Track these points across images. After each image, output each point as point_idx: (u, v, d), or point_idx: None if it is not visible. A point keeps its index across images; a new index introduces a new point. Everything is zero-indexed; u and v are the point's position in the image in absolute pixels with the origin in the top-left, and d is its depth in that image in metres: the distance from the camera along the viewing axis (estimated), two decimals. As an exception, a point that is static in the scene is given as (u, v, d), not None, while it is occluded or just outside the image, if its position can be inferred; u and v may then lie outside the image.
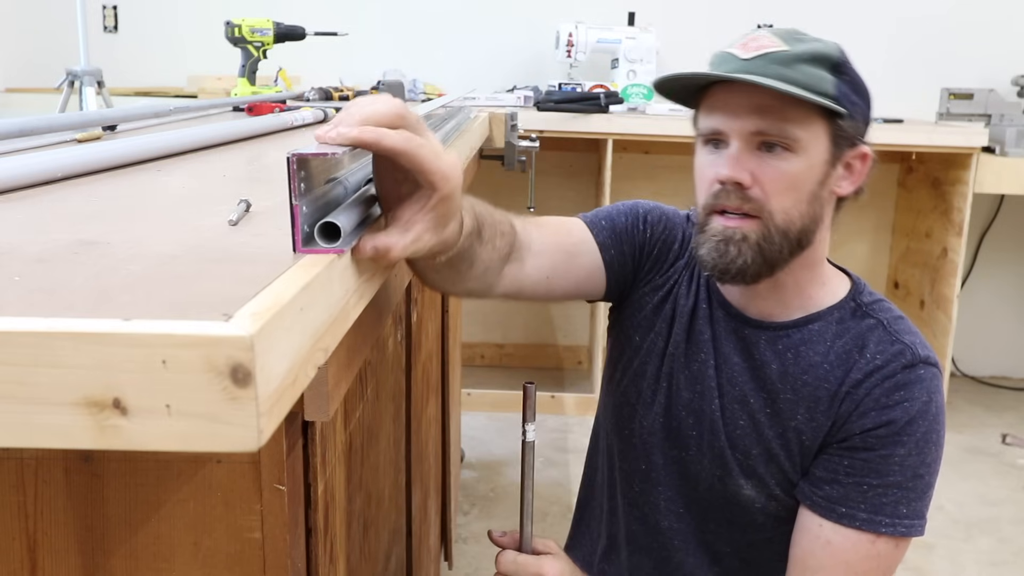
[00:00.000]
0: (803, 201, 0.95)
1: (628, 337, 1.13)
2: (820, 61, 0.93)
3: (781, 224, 0.95)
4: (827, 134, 0.94)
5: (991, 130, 2.91)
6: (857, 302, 1.04)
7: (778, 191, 0.94)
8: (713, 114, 0.96)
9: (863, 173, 0.99)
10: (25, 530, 0.53)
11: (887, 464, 0.97)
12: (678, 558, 1.11)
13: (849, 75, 0.95)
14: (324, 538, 0.67)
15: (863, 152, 0.98)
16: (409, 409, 1.23)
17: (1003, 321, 3.58)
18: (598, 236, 1.06)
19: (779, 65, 0.92)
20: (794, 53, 0.92)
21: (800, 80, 0.91)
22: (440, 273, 0.81)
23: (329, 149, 0.56)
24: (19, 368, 0.38)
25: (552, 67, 3.30)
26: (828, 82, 0.93)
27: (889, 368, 0.98)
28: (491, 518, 2.38)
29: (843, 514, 0.98)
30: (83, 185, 0.77)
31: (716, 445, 1.05)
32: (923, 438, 0.97)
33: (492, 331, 3.56)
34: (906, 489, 0.97)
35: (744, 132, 0.93)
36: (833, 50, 0.95)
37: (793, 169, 0.93)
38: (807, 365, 1.01)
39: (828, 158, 0.95)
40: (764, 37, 0.95)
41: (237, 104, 1.79)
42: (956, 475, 2.71)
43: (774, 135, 0.92)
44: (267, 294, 0.43)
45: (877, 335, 1.00)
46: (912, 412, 0.96)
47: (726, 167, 0.94)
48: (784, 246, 0.96)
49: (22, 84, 3.28)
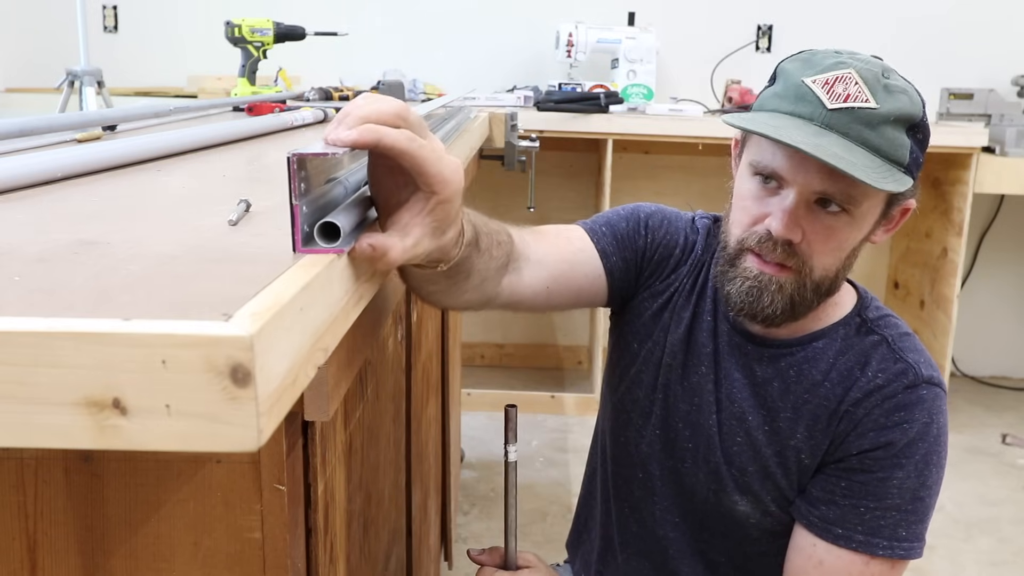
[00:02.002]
0: (843, 257, 0.94)
1: (627, 343, 1.11)
2: (902, 122, 0.88)
3: (818, 279, 0.93)
4: (885, 199, 0.92)
5: (991, 130, 2.91)
6: (863, 317, 1.01)
7: (825, 251, 0.91)
8: (776, 155, 0.90)
9: (899, 223, 0.97)
10: (25, 530, 0.53)
11: (885, 487, 0.95)
12: (674, 564, 1.11)
13: (922, 132, 0.91)
14: (324, 538, 0.67)
15: (907, 207, 0.96)
16: (409, 409, 1.23)
17: (1003, 321, 3.58)
18: (599, 243, 1.04)
19: (864, 127, 0.86)
20: (882, 114, 0.86)
21: (881, 146, 0.86)
22: (437, 285, 0.78)
23: (329, 149, 0.56)
24: (19, 368, 0.38)
25: (552, 67, 3.30)
26: (905, 148, 0.88)
27: (890, 388, 0.96)
28: (491, 518, 2.38)
29: (839, 535, 0.96)
30: (83, 185, 0.77)
31: (712, 460, 1.04)
32: (923, 460, 0.95)
33: (492, 331, 3.56)
34: (905, 512, 0.95)
35: (807, 188, 0.88)
36: (917, 109, 0.90)
37: (845, 230, 0.91)
38: (809, 384, 0.99)
39: (879, 218, 0.94)
40: (852, 82, 0.87)
41: (237, 104, 1.79)
42: (956, 475, 2.71)
43: (838, 199, 0.88)
44: (267, 294, 0.43)
45: (881, 352, 0.98)
46: (911, 434, 0.95)
47: (780, 223, 0.89)
48: (815, 299, 0.95)
49: (22, 84, 3.28)
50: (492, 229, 0.82)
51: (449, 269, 0.72)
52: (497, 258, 0.84)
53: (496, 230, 0.84)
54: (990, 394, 3.44)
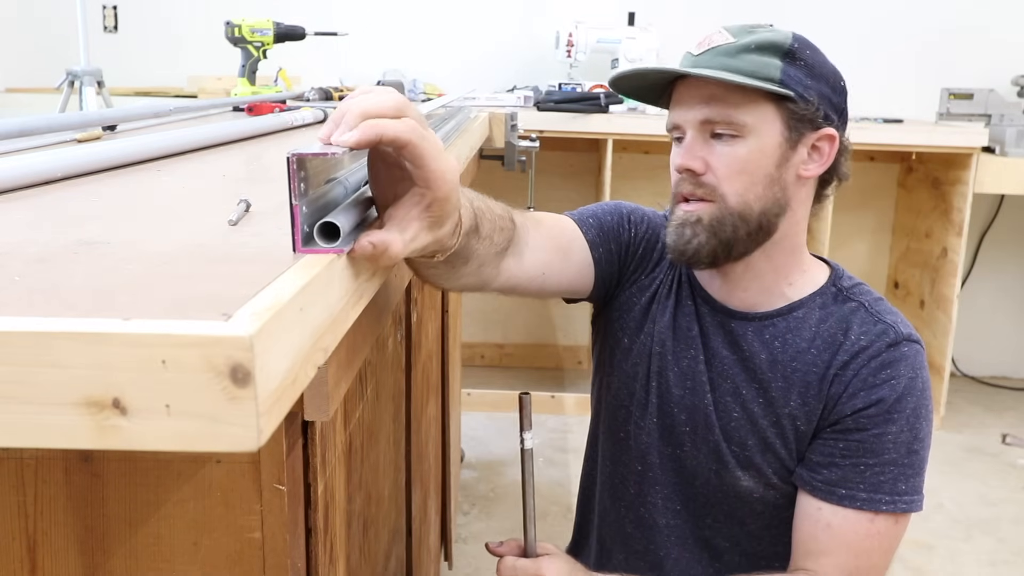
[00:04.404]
0: (758, 184, 0.98)
1: (617, 340, 1.13)
2: (768, 49, 0.97)
3: (735, 206, 0.98)
4: (779, 118, 0.97)
5: (991, 130, 2.91)
6: (838, 287, 1.06)
7: (729, 175, 0.98)
8: (673, 110, 1.02)
9: (830, 155, 1.01)
10: (25, 530, 0.53)
11: (882, 443, 0.98)
12: (675, 556, 1.11)
13: (803, 59, 0.98)
14: (324, 538, 0.67)
15: (829, 134, 1.00)
16: (409, 409, 1.23)
17: (1003, 321, 3.58)
18: (587, 233, 1.07)
19: (724, 56, 0.97)
20: (740, 44, 0.97)
21: (743, 68, 0.95)
22: (436, 269, 0.79)
23: (329, 149, 0.55)
24: (19, 368, 0.38)
25: (552, 67, 3.30)
26: (774, 67, 0.96)
27: (874, 348, 1.00)
28: (491, 518, 2.38)
29: (843, 496, 0.99)
30: (83, 185, 0.77)
31: (711, 439, 1.06)
32: (913, 414, 0.99)
33: (492, 331, 3.56)
34: (902, 466, 0.99)
35: (695, 122, 0.98)
36: (784, 38, 0.98)
37: (742, 153, 0.97)
38: (795, 352, 1.03)
39: (783, 141, 0.98)
40: (716, 34, 1.00)
41: (237, 104, 1.79)
42: (956, 475, 2.71)
43: (720, 121, 0.97)
44: (267, 294, 0.43)
45: (860, 316, 1.02)
46: (899, 389, 0.98)
47: (681, 157, 1.00)
48: (740, 228, 0.99)
49: (22, 84, 3.28)
50: (496, 214, 0.84)
51: (447, 258, 0.73)
52: (498, 243, 0.85)
53: (500, 215, 0.85)
54: (990, 394, 3.44)
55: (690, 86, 0.99)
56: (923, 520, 2.44)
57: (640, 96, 1.06)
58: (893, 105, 3.16)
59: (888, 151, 3.05)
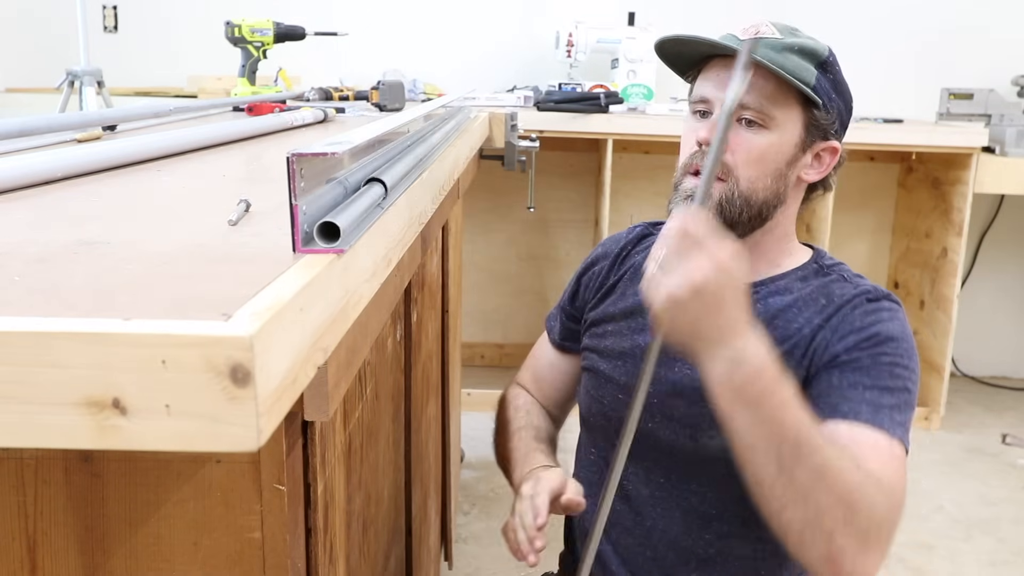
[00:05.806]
0: (768, 175, 1.03)
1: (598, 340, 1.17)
2: (808, 55, 1.02)
3: (745, 190, 1.02)
4: (801, 120, 1.03)
5: (991, 130, 2.91)
6: (819, 264, 1.10)
7: (747, 161, 1.02)
8: (705, 84, 1.05)
9: (830, 166, 1.07)
10: (25, 530, 0.53)
11: (877, 368, 0.98)
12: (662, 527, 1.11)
13: (833, 74, 1.04)
14: (324, 538, 0.67)
15: (833, 146, 1.06)
16: (409, 409, 1.23)
17: (1003, 321, 3.58)
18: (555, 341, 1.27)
19: (770, 50, 1.00)
20: (786, 43, 1.02)
21: (787, 66, 1.00)
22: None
23: (329, 149, 0.56)
24: (19, 368, 0.38)
25: (552, 67, 3.30)
26: (811, 74, 1.02)
27: (858, 300, 1.03)
28: (491, 518, 2.38)
29: (846, 412, 0.95)
30: (83, 185, 0.77)
31: (679, 405, 1.06)
32: (905, 353, 0.99)
33: (492, 331, 3.56)
34: (896, 397, 0.96)
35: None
36: (822, 49, 1.04)
37: (763, 143, 1.02)
38: (776, 310, 1.05)
39: (798, 142, 1.03)
40: (763, 25, 1.04)
41: (237, 104, 1.79)
42: (956, 475, 2.71)
43: (753, 109, 1.01)
44: (267, 294, 0.43)
45: (840, 285, 1.06)
46: (890, 328, 1.00)
47: (705, 130, 1.03)
48: (744, 211, 1.03)
49: (22, 84, 3.28)
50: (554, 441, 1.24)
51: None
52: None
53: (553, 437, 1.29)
54: (990, 394, 3.44)
55: (729, 67, 1.01)
56: (923, 520, 2.44)
57: (675, 63, 1.10)
58: (893, 105, 3.16)
59: (888, 151, 3.04)
